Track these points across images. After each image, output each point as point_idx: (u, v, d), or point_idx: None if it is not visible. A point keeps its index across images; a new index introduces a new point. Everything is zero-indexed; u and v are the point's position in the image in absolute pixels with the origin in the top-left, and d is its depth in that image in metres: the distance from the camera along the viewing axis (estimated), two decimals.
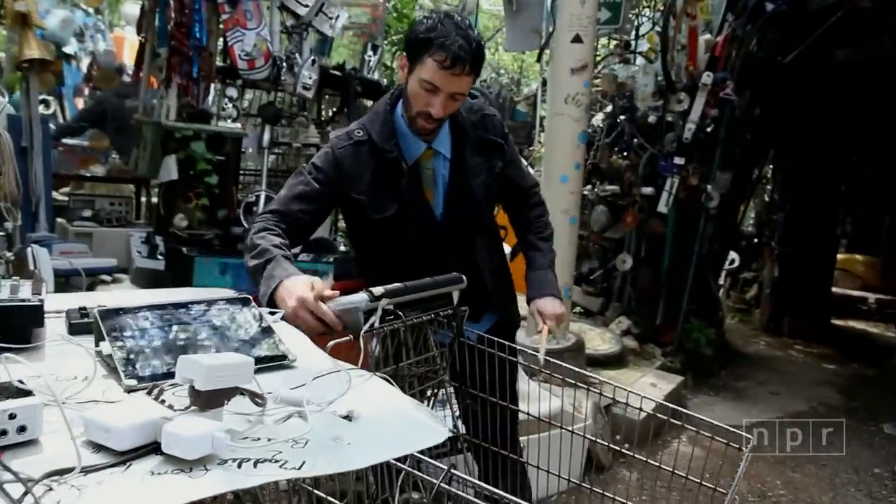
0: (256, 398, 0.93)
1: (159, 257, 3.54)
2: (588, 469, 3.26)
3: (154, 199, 4.47)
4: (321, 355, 1.28)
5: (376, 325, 1.46)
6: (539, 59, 5.76)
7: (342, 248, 4.85)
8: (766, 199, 8.37)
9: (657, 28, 5.26)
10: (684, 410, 1.61)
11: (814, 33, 5.19)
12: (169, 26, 3.80)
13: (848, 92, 6.15)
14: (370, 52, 4.36)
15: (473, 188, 1.93)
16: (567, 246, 4.58)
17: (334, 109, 4.64)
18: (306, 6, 3.95)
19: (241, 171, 4.13)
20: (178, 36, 3.73)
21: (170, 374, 0.98)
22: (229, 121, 3.97)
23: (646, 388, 4.31)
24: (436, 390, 1.84)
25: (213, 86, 4.06)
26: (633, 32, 5.75)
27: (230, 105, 3.98)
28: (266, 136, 4.00)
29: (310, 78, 3.93)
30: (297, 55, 3.97)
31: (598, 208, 6.16)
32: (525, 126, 9.58)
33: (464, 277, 1.72)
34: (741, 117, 5.55)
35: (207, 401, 0.87)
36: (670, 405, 1.68)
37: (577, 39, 4.31)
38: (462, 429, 1.88)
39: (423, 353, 1.71)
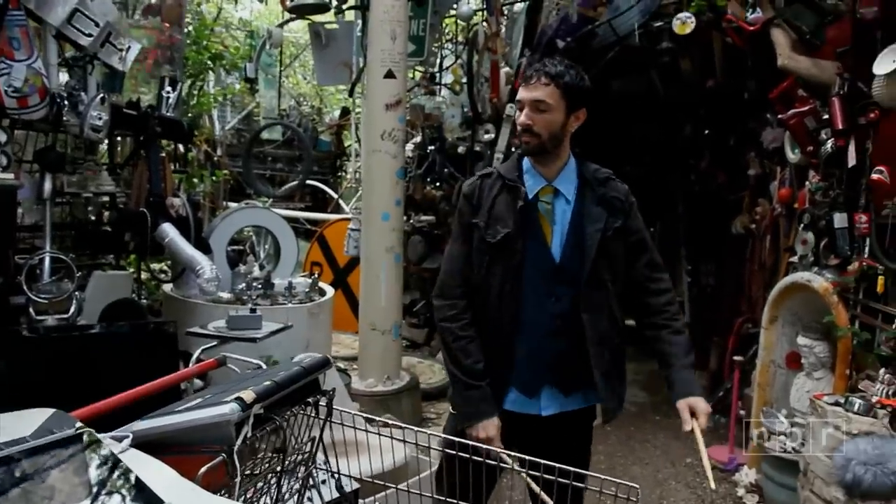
0: None
1: None
2: None
3: None
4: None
5: (249, 434, 1.26)
6: (351, 94, 5.68)
7: (145, 301, 4.33)
8: None
9: (461, 61, 5.43)
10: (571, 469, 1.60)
11: (595, 67, 5.68)
12: None
13: (620, 118, 6.84)
14: (168, 88, 3.95)
15: (587, 234, 1.97)
16: (394, 283, 4.54)
17: (128, 152, 4.14)
18: (90, 36, 3.46)
19: (18, 229, 3.50)
20: None
21: None
22: None
23: None
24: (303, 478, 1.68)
25: None
26: (438, 65, 5.89)
27: None
28: (47, 186, 3.43)
29: (99, 118, 3.45)
30: (81, 92, 3.47)
31: (413, 238, 6.20)
32: (330, 156, 9.46)
33: (330, 359, 1.57)
34: None
35: None
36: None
37: (389, 75, 4.30)
38: None
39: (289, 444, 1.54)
